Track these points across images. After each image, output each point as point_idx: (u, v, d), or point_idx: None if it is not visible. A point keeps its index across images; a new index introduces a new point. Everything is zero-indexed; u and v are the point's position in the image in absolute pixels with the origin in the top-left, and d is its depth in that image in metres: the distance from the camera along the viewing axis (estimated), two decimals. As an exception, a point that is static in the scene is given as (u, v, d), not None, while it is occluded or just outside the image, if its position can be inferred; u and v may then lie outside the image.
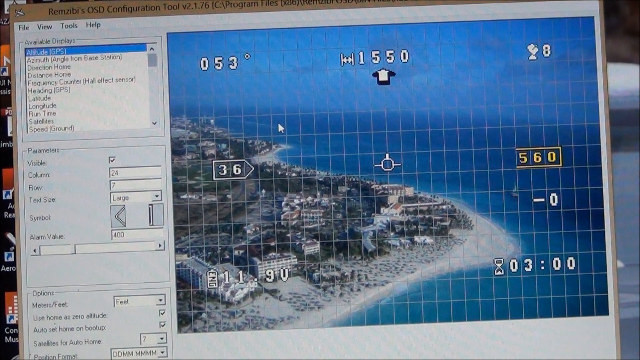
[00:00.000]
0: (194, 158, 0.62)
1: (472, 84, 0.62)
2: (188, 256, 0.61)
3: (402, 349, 0.61)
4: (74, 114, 0.61)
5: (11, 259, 0.61)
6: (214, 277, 0.61)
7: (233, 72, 0.62)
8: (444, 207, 0.62)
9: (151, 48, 0.62)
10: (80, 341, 0.61)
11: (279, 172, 0.62)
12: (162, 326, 0.61)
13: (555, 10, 0.62)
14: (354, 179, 0.62)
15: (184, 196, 0.61)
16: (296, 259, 0.62)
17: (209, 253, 0.61)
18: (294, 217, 0.62)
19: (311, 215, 0.62)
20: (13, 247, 0.61)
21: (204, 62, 0.62)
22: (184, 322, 0.61)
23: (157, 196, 0.61)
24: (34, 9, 0.62)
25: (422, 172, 0.62)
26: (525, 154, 0.62)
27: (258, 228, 0.62)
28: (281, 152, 0.62)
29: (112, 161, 0.61)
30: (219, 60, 0.62)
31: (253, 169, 0.62)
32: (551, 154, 0.62)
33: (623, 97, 0.65)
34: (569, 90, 0.62)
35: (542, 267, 0.61)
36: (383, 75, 0.62)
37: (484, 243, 0.62)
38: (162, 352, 0.61)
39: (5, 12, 0.62)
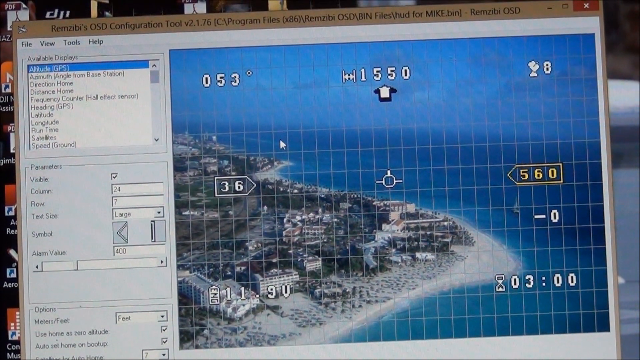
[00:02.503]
0: (196, 174, 0.62)
1: (473, 101, 0.62)
2: (190, 272, 0.61)
3: (404, 365, 0.61)
4: (77, 130, 0.62)
5: (13, 275, 0.61)
6: (215, 294, 0.61)
7: (235, 89, 0.62)
8: (445, 223, 0.62)
9: (153, 65, 0.62)
10: (82, 357, 0.61)
11: (281, 189, 0.62)
12: (164, 342, 0.61)
13: (556, 27, 0.62)
14: (355, 196, 0.62)
15: (186, 212, 0.62)
16: (298, 276, 0.62)
17: (211, 269, 0.61)
18: (296, 233, 0.62)
19: (313, 231, 0.62)
20: (15, 263, 0.61)
21: (206, 78, 0.62)
22: (186, 338, 0.61)
23: (159, 212, 0.61)
24: (36, 26, 0.62)
25: (423, 189, 0.62)
26: (526, 170, 0.62)
27: (260, 244, 0.62)
28: (283, 168, 0.62)
29: (114, 177, 0.61)
30: (221, 77, 0.62)
31: (255, 185, 0.62)
32: (552, 171, 0.62)
33: (624, 114, 0.66)
34: (569, 107, 0.62)
35: (544, 284, 0.61)
36: (384, 92, 0.62)
37: (485, 259, 0.62)
38: (164, 369, 0.61)
39: (8, 28, 0.62)
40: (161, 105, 0.62)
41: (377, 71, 0.62)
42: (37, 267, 0.61)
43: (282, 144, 0.62)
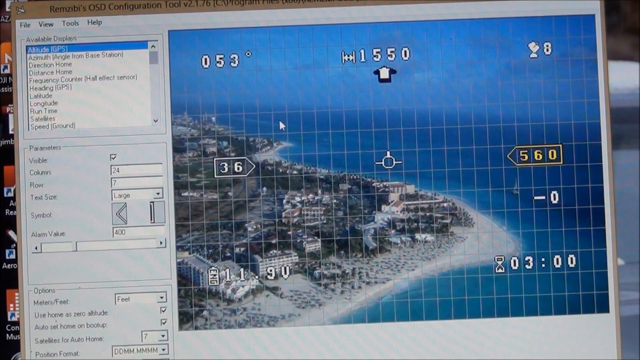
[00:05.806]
0: (195, 155, 0.62)
1: (473, 82, 0.62)
2: (189, 254, 0.61)
3: (403, 347, 0.61)
4: (75, 111, 0.62)
5: (12, 257, 0.61)
6: (215, 275, 0.61)
7: (234, 70, 0.62)
8: (445, 204, 0.62)
9: (152, 45, 0.62)
10: (82, 338, 0.61)
11: (280, 170, 0.62)
12: (164, 324, 0.61)
13: (556, 8, 0.62)
14: (355, 177, 0.62)
15: (185, 194, 0.61)
16: (297, 257, 0.62)
17: (210, 250, 0.61)
18: (295, 214, 0.62)
19: (312, 212, 0.62)
20: (14, 245, 0.61)
21: (206, 59, 0.62)
22: (185, 319, 0.61)
23: (158, 194, 0.61)
24: (35, 7, 0.62)
25: (423, 170, 0.62)
26: (526, 151, 0.62)
27: (259, 226, 0.62)
28: (282, 149, 0.62)
29: (113, 159, 0.61)
30: (220, 58, 0.62)
31: (254, 166, 0.62)
32: (552, 152, 0.62)
33: (624, 95, 0.66)
34: (569, 88, 0.62)
35: (543, 265, 0.61)
36: (384, 73, 0.62)
37: (484, 240, 0.62)
38: (164, 350, 0.61)
39: (7, 9, 0.62)
40: (160, 86, 0.62)
41: (377, 52, 0.62)
42: (36, 248, 0.61)
43: (282, 125, 0.62)
